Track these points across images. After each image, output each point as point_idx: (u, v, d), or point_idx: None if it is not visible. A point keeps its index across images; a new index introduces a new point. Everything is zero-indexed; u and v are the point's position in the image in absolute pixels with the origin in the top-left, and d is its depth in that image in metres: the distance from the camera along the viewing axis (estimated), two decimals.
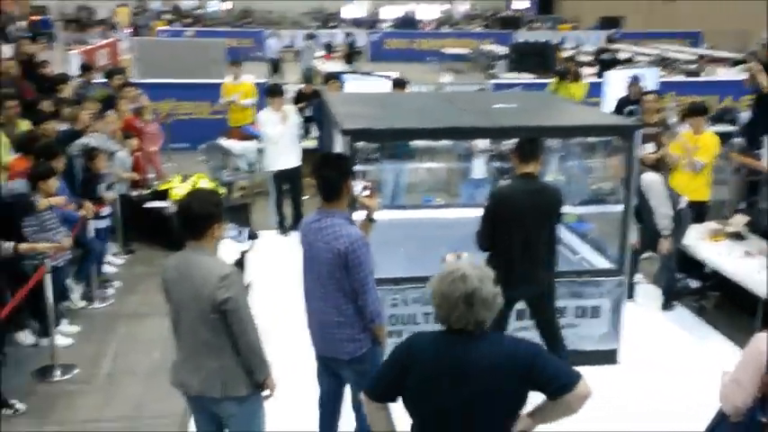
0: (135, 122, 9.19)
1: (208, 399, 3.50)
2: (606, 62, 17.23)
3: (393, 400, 2.81)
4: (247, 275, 5.61)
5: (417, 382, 2.68)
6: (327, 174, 3.87)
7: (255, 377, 3.52)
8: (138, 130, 9.06)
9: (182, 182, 8.58)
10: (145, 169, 9.18)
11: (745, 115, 10.27)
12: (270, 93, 8.32)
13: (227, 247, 3.54)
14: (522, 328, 5.30)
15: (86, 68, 11.55)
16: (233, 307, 3.35)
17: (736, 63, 16.20)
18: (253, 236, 3.87)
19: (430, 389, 2.67)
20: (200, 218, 3.41)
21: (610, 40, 20.47)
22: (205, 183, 8.58)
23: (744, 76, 9.76)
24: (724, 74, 15.42)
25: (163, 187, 8.66)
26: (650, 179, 6.18)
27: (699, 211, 6.95)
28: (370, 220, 4.07)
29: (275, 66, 21.80)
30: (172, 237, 7.89)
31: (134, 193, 8.40)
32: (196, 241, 3.43)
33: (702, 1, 26.65)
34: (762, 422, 2.92)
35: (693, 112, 7.38)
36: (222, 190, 8.69)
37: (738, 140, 9.59)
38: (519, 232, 4.63)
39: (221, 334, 3.41)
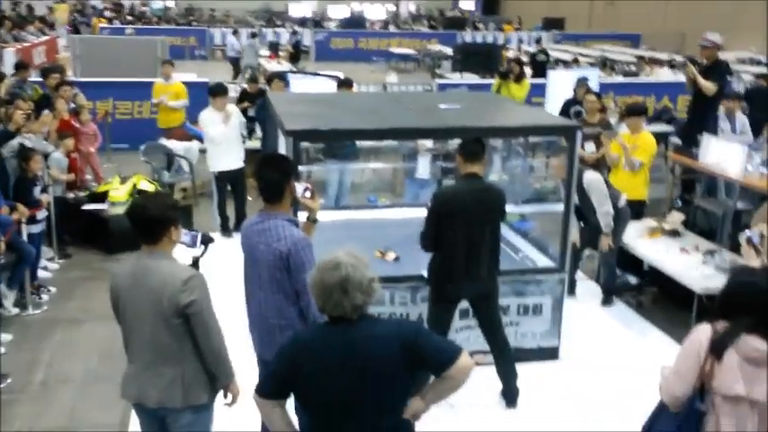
0: (72, 122, 8.96)
1: (167, 410, 3.40)
2: (540, 64, 17.50)
3: (285, 397, 2.88)
4: None
5: (307, 376, 2.74)
6: (269, 175, 3.82)
7: (219, 382, 3.47)
8: (75, 130, 8.83)
9: (121, 183, 8.38)
10: (82, 171, 8.95)
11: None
12: (212, 92, 8.18)
13: (179, 253, 3.46)
14: (466, 327, 5.35)
15: (21, 66, 11.18)
16: (197, 310, 3.28)
17: (671, 65, 16.64)
18: (207, 240, 3.79)
19: (320, 380, 2.73)
20: (156, 221, 3.33)
21: (538, 41, 20.75)
22: (145, 184, 8.41)
23: (683, 78, 10.02)
24: (662, 75, 15.83)
25: (101, 189, 8.45)
26: (591, 178, 6.28)
27: (637, 210, 7.09)
28: (312, 221, 4.04)
29: (235, 64, 21.11)
30: (110, 240, 7.84)
31: (70, 196, 8.18)
32: (152, 245, 3.35)
33: (641, 2, 27.34)
34: (700, 410, 2.99)
35: (632, 112, 7.53)
36: (163, 191, 8.53)
37: (675, 140, 9.85)
38: (463, 232, 4.65)
39: (183, 340, 3.33)
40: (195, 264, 3.63)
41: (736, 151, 7.30)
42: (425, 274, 4.96)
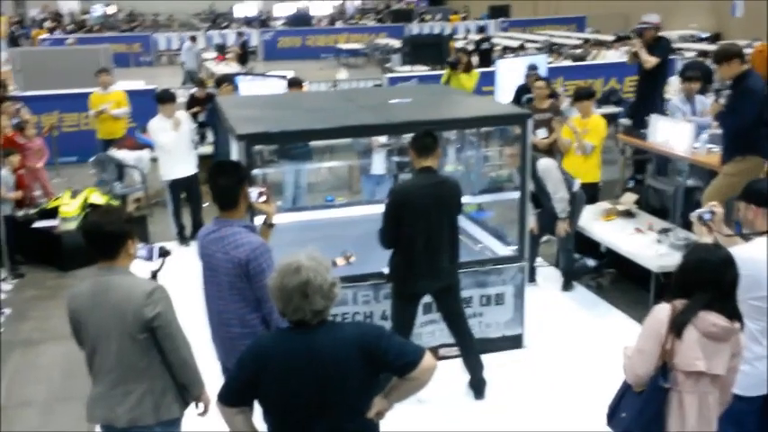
0: (16, 138, 8.73)
1: (137, 428, 3.32)
2: (485, 52, 17.59)
3: (248, 403, 2.86)
4: None
5: (269, 382, 2.73)
6: (222, 182, 3.78)
7: (191, 393, 3.43)
8: (21, 146, 8.62)
9: (72, 198, 8.19)
10: (30, 187, 8.74)
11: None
12: (160, 99, 8.04)
13: (137, 268, 3.40)
14: (430, 321, 5.36)
15: None
16: (163, 323, 3.24)
17: (618, 39, 16.83)
18: (164, 253, 3.73)
19: (282, 385, 2.72)
20: (112, 237, 3.27)
21: (481, 30, 20.88)
22: (97, 197, 8.24)
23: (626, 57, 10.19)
24: (608, 56, 16.05)
25: (51, 205, 8.25)
26: (545, 164, 6.35)
27: (591, 193, 7.19)
28: (268, 225, 4.01)
29: (191, 73, 20.61)
30: (64, 257, 7.66)
31: (20, 214, 7.98)
32: (110, 262, 3.29)
33: None
34: (664, 388, 3.04)
35: (581, 96, 7.63)
36: (116, 203, 8.38)
37: (624, 121, 10.00)
38: (421, 227, 4.66)
39: (150, 355, 3.28)
40: (154, 277, 3.57)
41: (683, 130, 7.44)
42: (387, 271, 4.96)
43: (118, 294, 3.23)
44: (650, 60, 8.45)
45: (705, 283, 3.03)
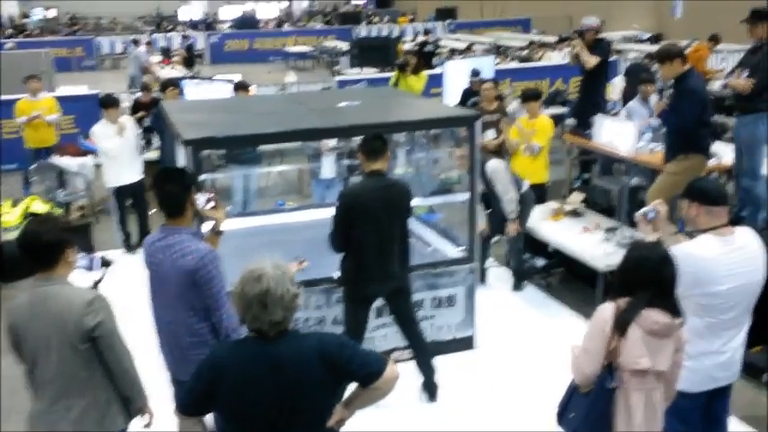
0: None
1: None
2: (427, 55, 17.68)
3: (205, 413, 2.83)
4: None
5: (227, 391, 2.69)
6: (168, 189, 3.72)
7: (134, 405, 3.37)
8: None
9: (12, 207, 7.95)
10: None
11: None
12: (104, 104, 7.87)
13: (77, 278, 3.31)
14: (382, 325, 5.36)
15: None
16: (104, 333, 3.17)
17: (560, 40, 17.11)
18: (106, 263, 3.66)
19: (240, 396, 2.68)
20: (49, 246, 3.19)
21: (426, 32, 20.97)
22: (39, 206, 8.02)
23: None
24: (554, 58, 16.31)
25: None
26: (494, 166, 6.40)
27: (539, 193, 7.28)
28: (217, 232, 3.94)
29: (134, 78, 19.91)
30: (4, 267, 7.41)
31: None
32: (49, 272, 3.20)
33: None
34: (610, 388, 3.09)
35: (528, 97, 7.72)
36: (59, 211, 8.17)
37: (570, 121, 10.17)
38: (372, 230, 4.65)
39: (92, 366, 3.21)
40: (95, 287, 3.49)
41: (626, 130, 7.60)
42: (337, 275, 4.93)
43: (57, 304, 3.16)
44: (591, 61, 8.64)
45: (646, 281, 3.07)
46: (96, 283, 3.51)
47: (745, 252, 3.50)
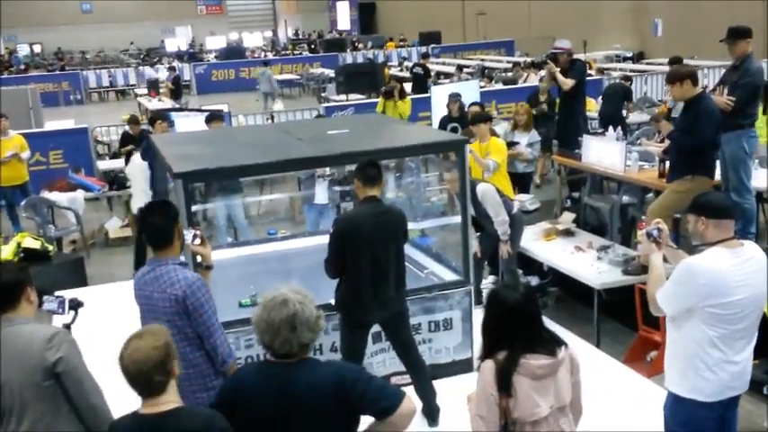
0: None
1: None
2: (419, 77, 17.81)
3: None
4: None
5: (247, 413, 2.72)
6: (154, 221, 3.73)
7: None
8: None
9: (4, 243, 7.92)
10: None
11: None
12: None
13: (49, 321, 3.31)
14: (380, 350, 5.34)
15: None
16: (67, 368, 3.12)
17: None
18: (75, 305, 3.63)
19: (259, 419, 2.71)
20: (9, 286, 3.18)
21: (425, 56, 21.14)
22: (31, 241, 7.98)
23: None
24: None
25: None
26: (483, 189, 6.43)
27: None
28: (206, 268, 3.93)
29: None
30: None
31: None
32: (11, 313, 3.18)
33: (508, 10, 28.43)
34: None
35: (476, 120, 7.77)
36: (51, 246, 8.13)
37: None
38: (368, 256, 4.64)
39: (58, 404, 3.15)
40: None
41: (615, 149, 7.67)
42: (333, 301, 4.93)
43: (18, 344, 3.12)
44: (567, 82, 8.82)
45: (511, 326, 2.96)
46: (68, 326, 3.48)
47: (754, 264, 3.54)
